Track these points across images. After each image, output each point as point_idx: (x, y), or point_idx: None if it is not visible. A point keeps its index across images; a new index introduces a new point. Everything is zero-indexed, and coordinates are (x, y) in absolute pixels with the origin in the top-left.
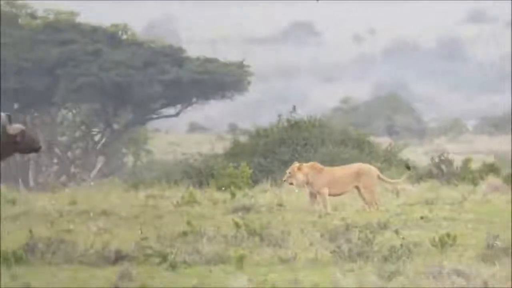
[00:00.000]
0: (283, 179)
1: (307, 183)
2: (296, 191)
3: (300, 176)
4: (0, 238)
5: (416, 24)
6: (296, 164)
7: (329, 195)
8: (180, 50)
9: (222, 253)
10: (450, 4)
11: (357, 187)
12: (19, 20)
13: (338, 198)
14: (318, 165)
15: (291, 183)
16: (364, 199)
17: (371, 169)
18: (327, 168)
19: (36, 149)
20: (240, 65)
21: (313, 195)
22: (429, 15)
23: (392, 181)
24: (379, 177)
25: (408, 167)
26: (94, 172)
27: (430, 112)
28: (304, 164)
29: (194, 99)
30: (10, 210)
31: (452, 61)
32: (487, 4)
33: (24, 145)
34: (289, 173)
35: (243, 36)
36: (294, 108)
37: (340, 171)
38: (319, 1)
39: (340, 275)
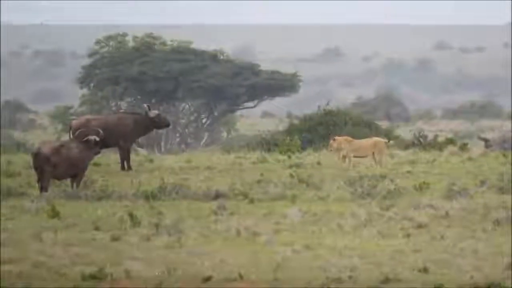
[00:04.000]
0: (329, 149)
1: (341, 149)
2: (330, 153)
3: (334, 145)
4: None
5: (402, 49)
6: (332, 140)
7: (355, 157)
8: (257, 65)
9: (282, 193)
10: (422, 36)
11: (372, 153)
12: (156, 47)
13: (355, 159)
14: (349, 138)
15: (331, 150)
16: (375, 160)
17: (382, 141)
18: (355, 140)
19: (167, 126)
20: (294, 75)
21: (343, 157)
22: (409, 43)
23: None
24: (386, 146)
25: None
26: (202, 142)
27: (412, 105)
28: (339, 137)
29: (265, 97)
30: (149, 166)
31: (425, 73)
32: (448, 37)
33: (159, 123)
34: (330, 145)
35: (296, 57)
36: (328, 102)
37: (364, 142)
38: (342, 31)
39: (356, 208)
